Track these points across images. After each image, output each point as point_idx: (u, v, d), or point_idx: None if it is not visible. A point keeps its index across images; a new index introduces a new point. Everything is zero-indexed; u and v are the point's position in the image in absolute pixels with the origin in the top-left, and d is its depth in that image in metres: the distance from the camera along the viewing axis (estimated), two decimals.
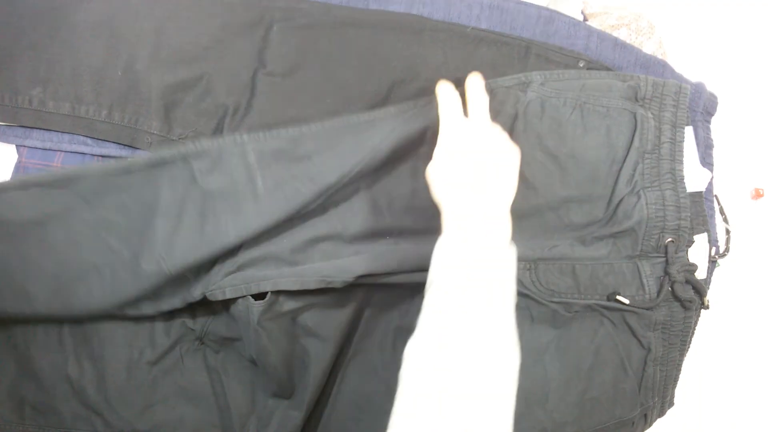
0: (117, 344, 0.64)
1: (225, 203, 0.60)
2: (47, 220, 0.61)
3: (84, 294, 0.62)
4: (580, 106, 0.61)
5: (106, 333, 0.65)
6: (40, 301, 0.62)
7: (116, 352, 0.64)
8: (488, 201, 0.50)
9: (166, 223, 0.60)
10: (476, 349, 0.43)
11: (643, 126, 0.61)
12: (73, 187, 0.60)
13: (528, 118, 0.61)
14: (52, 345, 0.65)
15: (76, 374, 0.64)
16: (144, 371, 0.64)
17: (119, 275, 0.61)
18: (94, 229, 0.61)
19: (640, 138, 0.61)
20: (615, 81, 0.62)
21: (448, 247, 0.48)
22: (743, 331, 1.01)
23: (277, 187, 0.60)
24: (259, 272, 0.60)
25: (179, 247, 0.60)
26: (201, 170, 0.60)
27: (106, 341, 0.65)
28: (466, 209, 0.49)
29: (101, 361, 0.64)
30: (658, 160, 0.61)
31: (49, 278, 0.61)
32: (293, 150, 0.60)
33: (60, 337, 0.65)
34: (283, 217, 0.59)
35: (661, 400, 0.66)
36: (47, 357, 0.65)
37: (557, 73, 0.62)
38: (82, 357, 0.64)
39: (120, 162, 0.61)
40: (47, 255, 0.61)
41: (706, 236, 0.64)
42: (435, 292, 0.47)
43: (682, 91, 0.62)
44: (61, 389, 0.64)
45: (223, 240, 0.59)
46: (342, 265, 0.59)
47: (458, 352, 0.43)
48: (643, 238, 0.61)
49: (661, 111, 0.62)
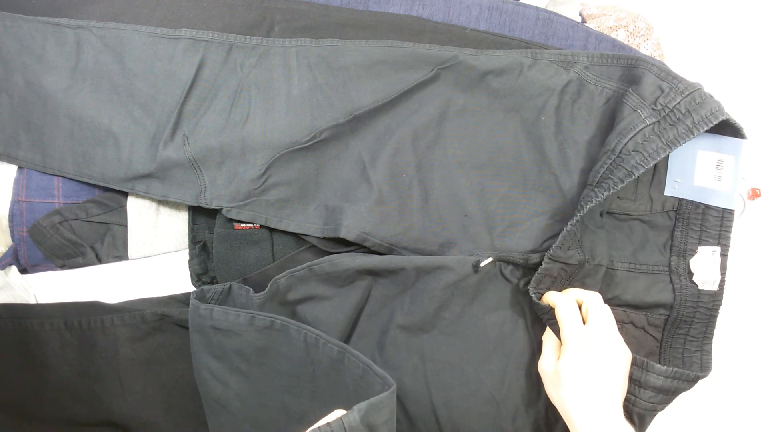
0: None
1: (258, 96, 0.63)
2: (75, 66, 0.65)
3: (100, 159, 0.65)
4: (616, 99, 0.60)
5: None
6: (53, 156, 0.65)
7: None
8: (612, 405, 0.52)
9: (198, 102, 0.63)
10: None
11: (627, 126, 0.58)
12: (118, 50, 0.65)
13: (563, 97, 0.62)
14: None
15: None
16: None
17: (138, 147, 0.64)
18: (120, 94, 0.64)
19: (616, 134, 0.60)
20: (652, 76, 0.58)
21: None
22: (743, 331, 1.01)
23: (311, 92, 0.63)
24: (282, 210, 0.63)
25: (205, 126, 0.63)
26: (243, 62, 0.64)
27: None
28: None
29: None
30: (618, 165, 0.57)
31: (66, 134, 0.64)
32: (334, 59, 0.64)
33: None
34: (309, 122, 0.62)
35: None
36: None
37: (604, 58, 0.61)
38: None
39: (166, 32, 0.65)
40: (65, 108, 0.64)
41: (719, 250, 0.60)
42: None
43: (705, 120, 0.55)
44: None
45: (249, 130, 0.62)
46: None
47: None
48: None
49: (675, 125, 0.60)
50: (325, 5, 0.67)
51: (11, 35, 0.67)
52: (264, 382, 0.60)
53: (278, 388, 0.59)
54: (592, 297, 0.56)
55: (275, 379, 0.59)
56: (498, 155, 0.63)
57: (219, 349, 0.60)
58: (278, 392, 0.59)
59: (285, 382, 0.59)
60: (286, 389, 0.59)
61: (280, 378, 0.59)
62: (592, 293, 0.57)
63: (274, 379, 0.59)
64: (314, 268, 0.61)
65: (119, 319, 0.66)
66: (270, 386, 0.59)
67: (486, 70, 0.63)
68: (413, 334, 0.61)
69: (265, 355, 0.59)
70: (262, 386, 0.60)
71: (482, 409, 0.60)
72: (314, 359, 0.56)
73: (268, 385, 0.59)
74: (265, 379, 0.59)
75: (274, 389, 0.59)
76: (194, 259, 0.67)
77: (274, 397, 0.59)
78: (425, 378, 0.60)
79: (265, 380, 0.59)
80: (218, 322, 0.58)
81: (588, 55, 0.62)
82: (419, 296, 0.61)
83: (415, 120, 0.63)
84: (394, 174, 0.62)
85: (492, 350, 0.60)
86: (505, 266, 0.61)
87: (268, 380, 0.59)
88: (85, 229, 0.69)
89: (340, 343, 0.54)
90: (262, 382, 0.60)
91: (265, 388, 0.60)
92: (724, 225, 0.59)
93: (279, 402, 0.60)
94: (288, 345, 0.57)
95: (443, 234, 0.62)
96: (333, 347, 0.55)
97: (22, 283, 0.69)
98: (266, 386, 0.60)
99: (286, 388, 0.59)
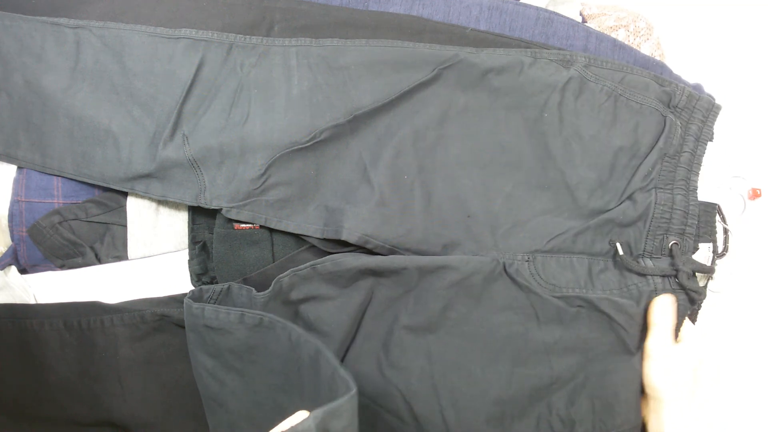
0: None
1: (258, 96, 0.63)
2: (75, 66, 0.65)
3: (99, 159, 0.65)
4: (615, 97, 0.62)
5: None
6: (53, 156, 0.65)
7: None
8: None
9: (197, 102, 0.63)
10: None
11: (670, 131, 0.62)
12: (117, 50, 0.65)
13: (565, 93, 0.62)
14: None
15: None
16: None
17: (138, 147, 0.64)
18: (119, 94, 0.64)
19: (665, 141, 0.62)
20: (653, 82, 0.63)
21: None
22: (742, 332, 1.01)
23: (311, 91, 0.63)
24: (282, 210, 0.63)
25: (205, 126, 0.63)
26: (242, 62, 0.64)
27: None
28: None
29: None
30: (676, 166, 0.62)
31: (65, 134, 0.64)
32: (334, 59, 0.63)
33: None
34: (308, 122, 0.62)
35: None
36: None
37: (602, 60, 0.64)
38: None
39: (166, 32, 0.65)
40: (65, 107, 0.65)
41: (711, 246, 0.64)
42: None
43: (713, 109, 0.63)
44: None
45: (248, 130, 0.62)
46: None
47: None
48: (647, 237, 0.61)
49: (689, 123, 0.63)
50: (325, 5, 0.67)
51: (11, 35, 0.67)
52: (258, 380, 0.59)
53: (271, 386, 0.59)
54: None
55: (268, 378, 0.59)
56: (501, 154, 0.63)
57: (213, 348, 0.60)
58: (272, 391, 0.59)
59: (277, 380, 0.59)
60: (279, 388, 0.59)
61: (272, 376, 0.59)
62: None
63: (266, 378, 0.59)
64: (317, 267, 0.61)
65: (119, 319, 0.65)
66: (263, 384, 0.59)
67: (487, 68, 0.63)
68: (419, 335, 0.61)
69: (257, 353, 0.59)
70: (256, 384, 0.60)
71: (490, 410, 0.60)
72: (298, 357, 0.56)
73: (262, 383, 0.59)
74: (259, 377, 0.59)
75: (267, 388, 0.59)
76: (194, 259, 0.67)
77: (267, 395, 0.59)
78: (432, 379, 0.60)
79: (258, 378, 0.59)
80: (210, 321, 0.58)
81: (586, 56, 0.63)
82: (423, 296, 0.61)
83: (416, 120, 0.63)
84: (396, 175, 0.62)
85: (500, 351, 0.60)
86: (510, 265, 0.61)
87: (262, 378, 0.59)
88: (85, 229, 0.69)
89: (316, 341, 0.53)
90: (256, 381, 0.59)
91: (259, 387, 0.59)
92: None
93: (273, 401, 0.59)
94: (276, 343, 0.57)
95: (446, 235, 0.62)
96: (311, 345, 0.54)
97: (21, 283, 0.69)
98: (260, 384, 0.59)
99: (278, 387, 0.59)
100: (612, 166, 0.62)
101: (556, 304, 0.60)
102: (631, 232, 0.62)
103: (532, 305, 0.60)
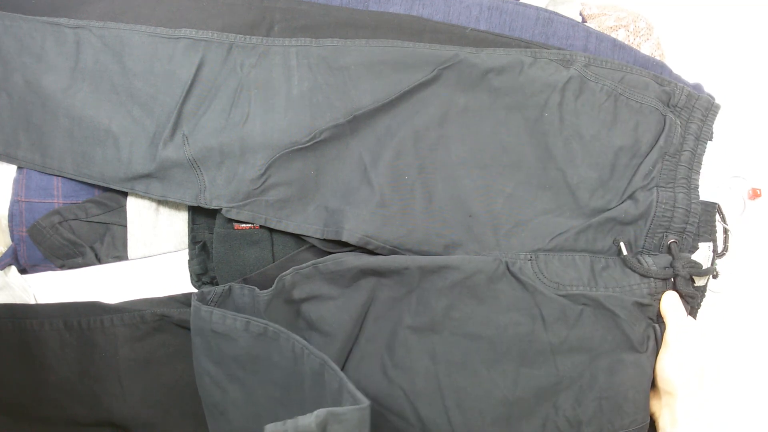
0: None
1: (258, 96, 0.64)
2: (75, 66, 0.65)
3: (99, 159, 0.65)
4: (615, 96, 0.62)
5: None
6: (53, 156, 0.65)
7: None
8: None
9: (197, 102, 0.64)
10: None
11: (670, 129, 0.62)
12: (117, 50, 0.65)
13: (565, 93, 0.62)
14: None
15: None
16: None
17: (138, 147, 0.64)
18: (119, 94, 0.64)
19: (666, 140, 0.62)
20: (653, 82, 0.64)
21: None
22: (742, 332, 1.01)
23: (311, 92, 0.63)
24: (281, 210, 0.63)
25: (204, 126, 0.63)
26: (242, 62, 0.64)
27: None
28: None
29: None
30: (677, 165, 0.62)
31: (65, 134, 0.65)
32: (334, 59, 0.64)
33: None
34: (308, 122, 0.62)
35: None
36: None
37: (602, 60, 0.64)
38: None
39: (166, 32, 0.65)
40: (65, 107, 0.65)
41: (711, 246, 0.64)
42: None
43: (712, 108, 0.64)
44: None
45: (248, 130, 0.62)
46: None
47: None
48: (647, 235, 0.61)
49: (689, 122, 0.63)
50: (325, 5, 0.67)
51: (11, 35, 0.67)
52: (259, 391, 0.59)
53: (272, 399, 0.59)
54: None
55: (269, 390, 0.59)
56: (501, 154, 0.63)
57: (218, 354, 0.60)
58: (272, 403, 0.59)
59: (278, 393, 0.58)
60: (279, 401, 0.59)
61: (274, 389, 0.58)
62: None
63: (267, 390, 0.59)
64: (319, 266, 0.61)
65: (119, 320, 0.65)
66: (264, 396, 0.59)
67: (487, 69, 0.63)
68: (423, 335, 0.61)
69: (259, 363, 0.58)
70: (257, 396, 0.59)
71: (496, 411, 0.59)
72: (301, 370, 0.56)
73: (263, 395, 0.59)
74: (260, 389, 0.59)
75: (268, 400, 0.59)
76: (194, 259, 0.67)
77: (268, 407, 0.59)
78: (437, 380, 0.60)
79: (260, 390, 0.59)
80: (216, 325, 0.58)
81: (586, 56, 0.63)
82: (425, 296, 0.61)
83: (416, 121, 0.63)
84: (396, 176, 0.62)
85: (505, 351, 0.60)
86: (513, 264, 0.61)
87: (263, 390, 0.59)
88: (85, 229, 0.69)
89: (321, 354, 0.53)
90: (258, 392, 0.59)
91: (260, 398, 0.59)
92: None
93: (273, 414, 0.59)
94: (279, 354, 0.57)
95: (447, 235, 0.62)
96: (315, 359, 0.54)
97: (21, 283, 0.69)
98: (261, 396, 0.59)
99: (279, 400, 0.59)
100: (613, 165, 0.62)
101: (561, 303, 0.60)
102: (632, 229, 0.62)
103: (537, 305, 0.60)
